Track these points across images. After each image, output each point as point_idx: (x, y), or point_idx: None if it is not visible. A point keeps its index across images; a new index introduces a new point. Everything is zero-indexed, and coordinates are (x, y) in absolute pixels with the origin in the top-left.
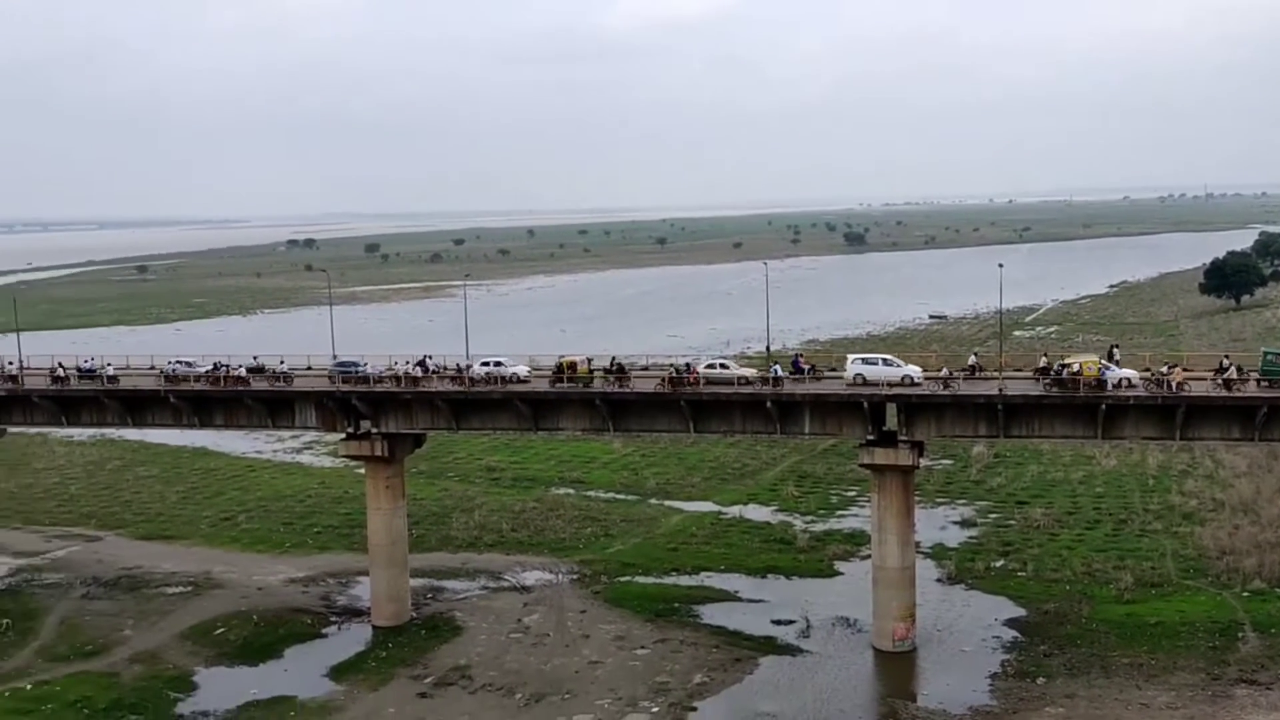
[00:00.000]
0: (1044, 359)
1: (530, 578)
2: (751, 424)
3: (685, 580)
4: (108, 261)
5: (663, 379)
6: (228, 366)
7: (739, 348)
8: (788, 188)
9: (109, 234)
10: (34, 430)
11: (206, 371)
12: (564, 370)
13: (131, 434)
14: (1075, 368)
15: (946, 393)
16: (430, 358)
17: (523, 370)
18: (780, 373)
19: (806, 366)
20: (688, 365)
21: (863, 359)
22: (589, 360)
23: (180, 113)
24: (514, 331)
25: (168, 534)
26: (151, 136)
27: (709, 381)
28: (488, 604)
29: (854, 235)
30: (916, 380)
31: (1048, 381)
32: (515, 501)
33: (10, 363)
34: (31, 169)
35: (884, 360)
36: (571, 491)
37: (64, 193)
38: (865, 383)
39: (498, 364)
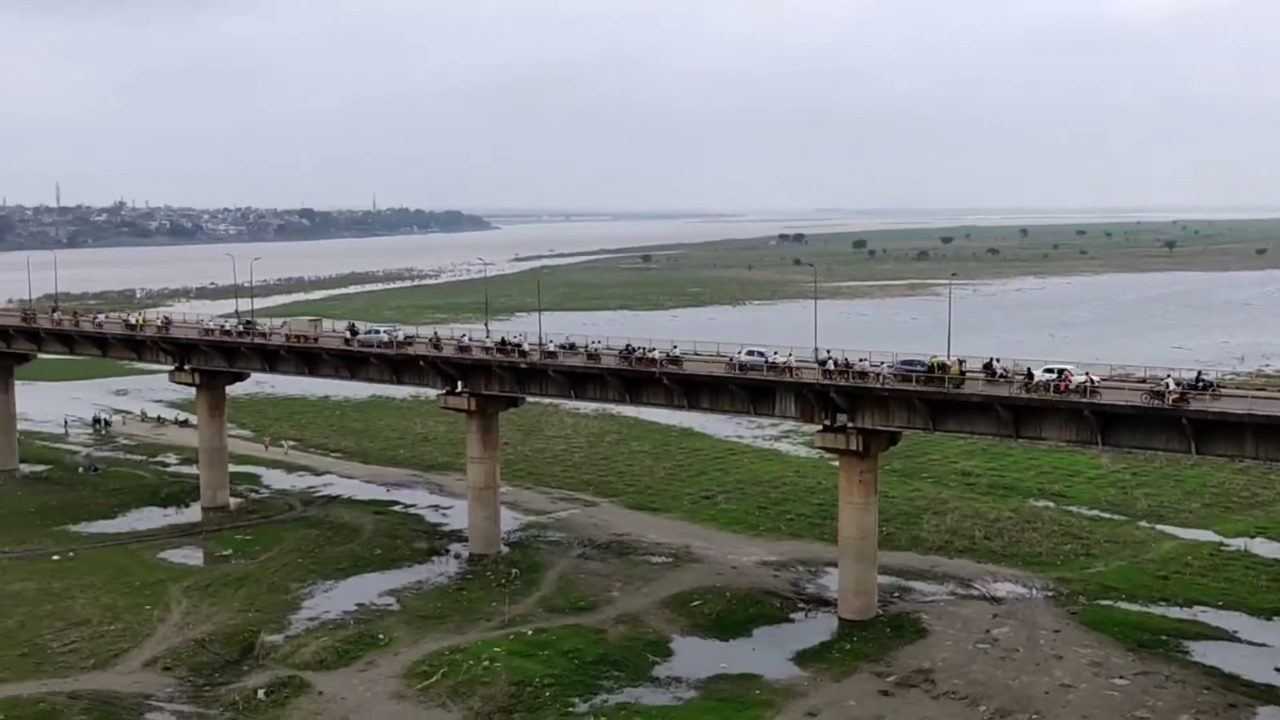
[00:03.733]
0: None
1: (1001, 589)
2: (1267, 449)
3: (1175, 612)
4: (618, 250)
5: (1025, 384)
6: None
7: (1255, 364)
8: None
9: (620, 225)
10: (547, 401)
11: (620, 352)
12: (934, 370)
13: (628, 410)
14: None
15: None
16: (998, 360)
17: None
18: (1173, 385)
19: None
20: (1060, 372)
21: None
22: (961, 361)
23: (687, 114)
24: (998, 333)
25: (654, 506)
26: (661, 136)
27: None
28: (955, 610)
29: None
30: None
31: None
32: (990, 509)
33: (466, 336)
34: (557, 165)
35: None
36: (1051, 504)
37: (584, 187)
38: None
39: (1060, 371)
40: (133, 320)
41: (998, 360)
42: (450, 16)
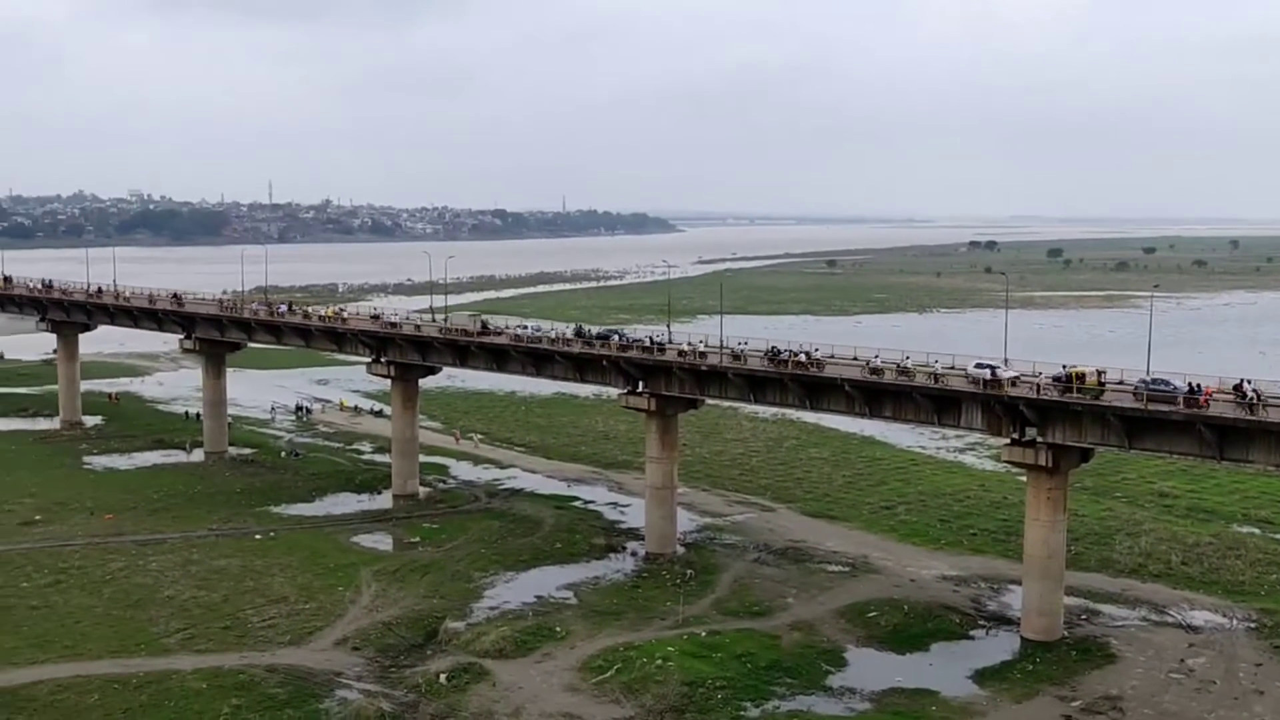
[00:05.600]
0: None
1: (1198, 617)
2: None
3: None
4: (802, 255)
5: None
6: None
7: None
8: None
9: (805, 229)
10: (726, 404)
11: (765, 353)
12: (1072, 380)
13: (808, 416)
14: None
15: None
16: (1249, 381)
17: None
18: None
19: None
20: (1197, 386)
21: None
22: (1100, 373)
23: (878, 116)
24: (1202, 349)
25: (832, 514)
26: (850, 139)
27: None
28: (1147, 637)
29: None
30: None
31: None
32: (1188, 533)
33: (618, 336)
34: (744, 168)
35: None
36: (1256, 531)
37: (770, 191)
38: None
39: None
40: (323, 313)
41: (1249, 381)
42: (643, 25)
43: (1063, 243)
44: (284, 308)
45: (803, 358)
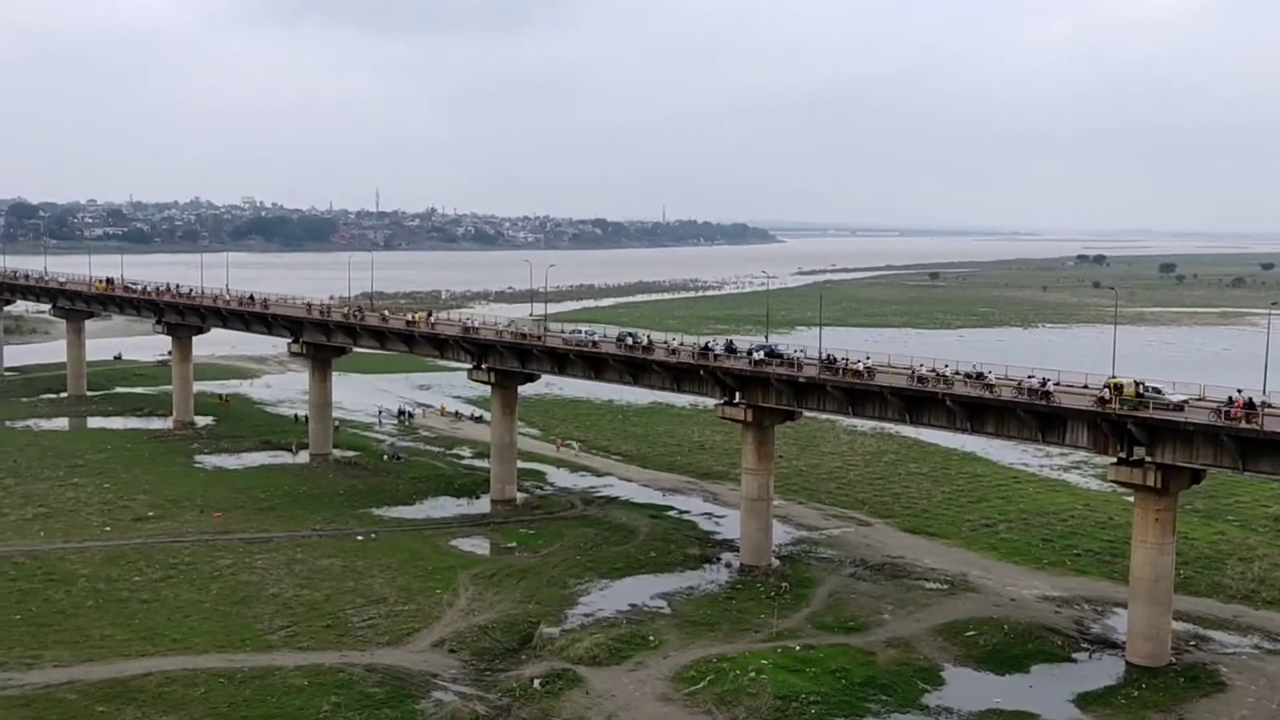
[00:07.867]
0: None
1: None
2: None
3: None
4: (904, 267)
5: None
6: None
7: None
8: None
9: (908, 241)
10: (824, 416)
11: (823, 362)
12: (1111, 391)
13: (908, 431)
14: None
15: None
16: None
17: None
18: None
19: None
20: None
21: None
22: (1137, 384)
23: (985, 126)
24: None
25: (930, 530)
26: (955, 150)
27: None
28: (1260, 665)
29: None
30: None
31: None
32: None
33: (678, 340)
34: (845, 180)
35: None
36: None
37: (871, 202)
38: None
39: None
40: (410, 319)
41: None
42: (747, 36)
43: (1175, 257)
44: (364, 312)
45: (859, 366)
